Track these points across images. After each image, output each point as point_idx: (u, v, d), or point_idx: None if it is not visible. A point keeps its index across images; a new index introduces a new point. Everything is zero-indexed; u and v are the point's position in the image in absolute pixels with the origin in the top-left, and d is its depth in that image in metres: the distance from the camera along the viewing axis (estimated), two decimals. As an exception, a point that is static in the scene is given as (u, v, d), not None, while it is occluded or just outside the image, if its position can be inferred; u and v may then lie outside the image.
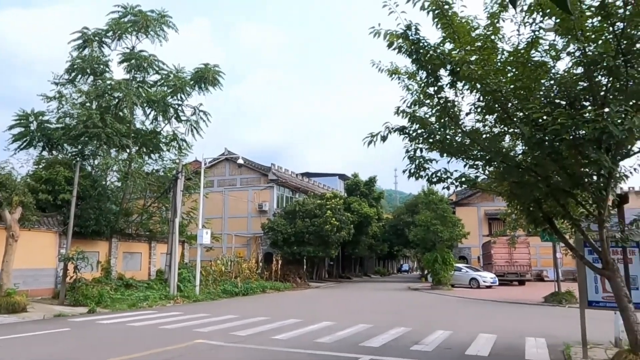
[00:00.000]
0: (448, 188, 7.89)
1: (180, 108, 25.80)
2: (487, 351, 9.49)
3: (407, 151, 7.72)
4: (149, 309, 17.60)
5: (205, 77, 25.27)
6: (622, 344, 8.68)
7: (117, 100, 23.26)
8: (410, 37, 6.94)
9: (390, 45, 7.02)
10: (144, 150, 25.93)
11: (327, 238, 33.90)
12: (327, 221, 33.49)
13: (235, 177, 41.01)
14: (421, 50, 6.99)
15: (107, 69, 24.53)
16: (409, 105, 7.75)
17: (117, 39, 24.56)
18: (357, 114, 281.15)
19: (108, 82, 23.34)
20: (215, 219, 37.75)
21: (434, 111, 7.92)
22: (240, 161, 30.23)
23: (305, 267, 36.86)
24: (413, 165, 7.65)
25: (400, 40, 7.00)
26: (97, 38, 24.34)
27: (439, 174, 7.67)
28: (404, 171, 7.71)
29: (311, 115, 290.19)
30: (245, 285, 25.74)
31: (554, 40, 6.82)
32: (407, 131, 7.69)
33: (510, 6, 6.68)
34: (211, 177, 38.86)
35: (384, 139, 7.71)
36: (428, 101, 7.88)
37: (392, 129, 7.62)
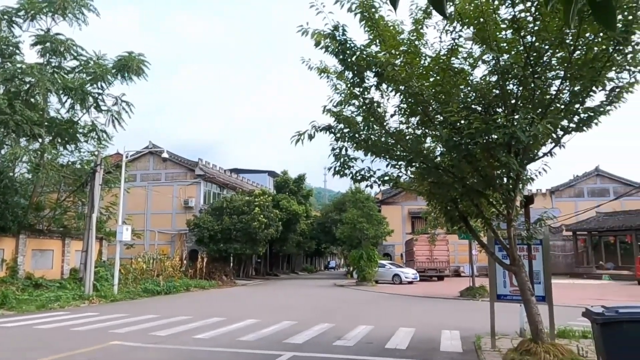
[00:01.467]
0: (371, 186, 8.13)
1: (100, 97, 24.30)
2: (405, 344, 9.85)
3: (333, 149, 7.85)
4: (60, 310, 16.47)
5: (129, 66, 23.98)
6: (526, 334, 9.37)
7: (28, 85, 21.48)
8: (338, 38, 7.04)
9: (317, 45, 7.08)
10: (59, 140, 24.16)
11: (255, 235, 33.59)
12: (255, 218, 33.16)
13: (160, 171, 39.48)
14: (348, 51, 7.11)
15: (17, 51, 22.54)
16: (335, 104, 7.86)
17: (29, 19, 22.63)
18: (291, 111, 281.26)
19: (18, 65, 21.44)
20: (138, 214, 36.14)
21: (360, 111, 8.10)
22: (165, 155, 29.07)
23: (231, 264, 36.29)
24: (338, 163, 7.78)
25: (328, 40, 7.07)
26: (6, 17, 22.30)
27: (362, 173, 7.87)
28: (329, 169, 7.83)
29: (244, 111, 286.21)
30: (168, 283, 24.84)
31: (471, 49, 7.21)
32: (333, 130, 7.80)
33: (432, 13, 6.95)
34: (134, 171, 37.14)
35: (311, 137, 7.76)
36: (354, 101, 8.04)
37: (319, 127, 7.70)
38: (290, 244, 44.72)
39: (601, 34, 6.43)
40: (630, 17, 6.26)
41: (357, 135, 7.72)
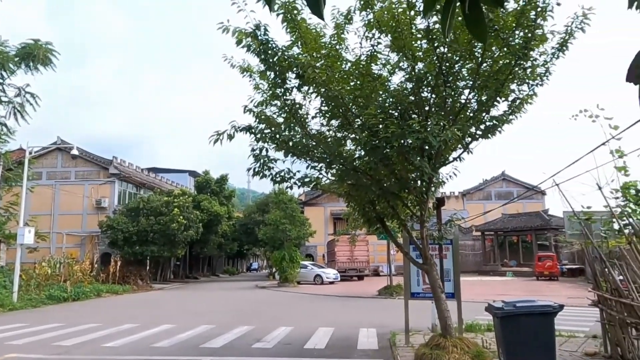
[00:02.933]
0: (291, 188, 8.15)
1: (0, 87, 22.21)
2: (324, 344, 9.99)
3: (253, 150, 7.77)
4: (-53, 322, 14.80)
5: (35, 55, 22.08)
6: (437, 330, 9.85)
7: None
8: (259, 37, 6.98)
9: (238, 43, 6.98)
10: (-50, 133, 21.77)
11: (174, 237, 32.41)
12: (174, 219, 31.99)
13: (70, 169, 36.85)
14: (269, 51, 7.08)
15: None
16: (256, 104, 7.79)
17: None
18: (215, 109, 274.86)
19: None
20: (43, 215, 33.54)
21: (281, 112, 8.10)
22: (75, 152, 27.16)
23: (148, 267, 34.72)
24: (258, 164, 7.72)
25: (249, 39, 7.00)
26: None
27: (282, 174, 7.86)
28: (248, 169, 7.75)
29: (164, 108, 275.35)
30: (77, 289, 23.22)
31: (388, 56, 7.47)
32: (253, 130, 7.72)
33: (352, 18, 7.12)
34: (39, 169, 34.39)
35: (230, 137, 7.62)
36: (276, 102, 8.02)
37: (239, 128, 7.58)
38: (211, 246, 43.67)
39: (505, 49, 6.96)
40: (530, 35, 6.83)
41: (277, 136, 7.70)
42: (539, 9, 6.64)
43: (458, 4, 1.21)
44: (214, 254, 49.37)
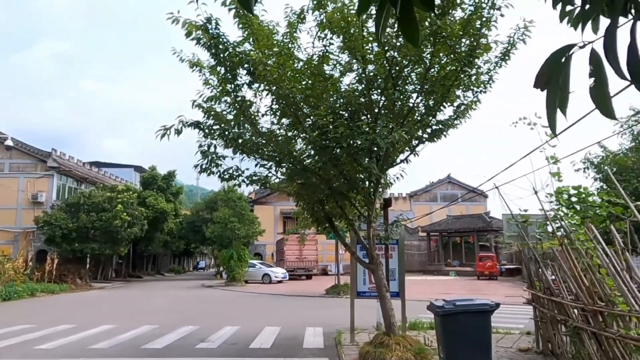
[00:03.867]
0: (239, 185, 8.05)
1: None
2: (270, 343, 9.94)
3: (200, 146, 7.61)
4: None
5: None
6: (381, 328, 10.04)
7: None
8: (210, 31, 6.85)
9: (188, 35, 6.82)
10: None
11: (116, 234, 31.20)
12: (117, 216, 30.79)
13: (3, 161, 34.58)
14: (220, 46, 6.96)
15: None
16: (205, 100, 7.64)
17: None
18: (166, 103, 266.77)
19: None
20: (-28, 210, 31.40)
21: (231, 109, 7.98)
22: (9, 142, 25.63)
23: (88, 266, 33.24)
24: (205, 161, 7.57)
25: (200, 32, 6.85)
26: None
27: (230, 171, 7.75)
28: (195, 166, 7.58)
29: (109, 99, 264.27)
30: (8, 288, 21.88)
31: (339, 57, 7.55)
32: (201, 126, 7.56)
33: (305, 18, 7.13)
34: (-32, 160, 32.15)
35: (178, 132, 7.42)
36: (226, 98, 7.90)
37: (186, 123, 7.40)
38: (156, 244, 42.41)
39: (452, 56, 7.19)
40: (475, 44, 7.09)
41: (227, 133, 7.58)
42: (484, 19, 6.91)
43: (392, 8, 1.23)
44: (159, 252, 47.99)
